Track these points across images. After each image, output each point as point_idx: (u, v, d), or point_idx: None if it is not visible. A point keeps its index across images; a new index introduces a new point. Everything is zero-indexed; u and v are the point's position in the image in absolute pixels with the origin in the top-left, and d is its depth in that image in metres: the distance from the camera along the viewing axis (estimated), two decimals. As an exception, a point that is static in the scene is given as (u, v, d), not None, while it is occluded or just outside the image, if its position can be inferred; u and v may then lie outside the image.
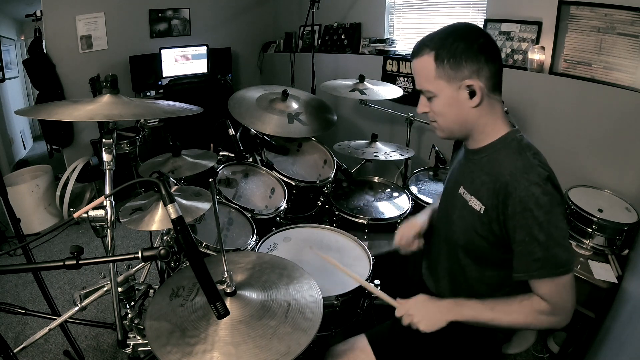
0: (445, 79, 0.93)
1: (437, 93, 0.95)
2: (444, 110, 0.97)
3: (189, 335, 0.85)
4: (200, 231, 1.51)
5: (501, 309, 0.93)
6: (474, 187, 0.99)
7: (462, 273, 1.06)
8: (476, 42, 0.91)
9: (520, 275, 0.90)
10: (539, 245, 0.85)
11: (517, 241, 0.89)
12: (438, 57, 0.92)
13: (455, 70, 0.91)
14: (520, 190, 0.86)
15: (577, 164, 1.99)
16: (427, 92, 0.97)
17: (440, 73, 0.93)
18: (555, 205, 0.85)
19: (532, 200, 0.85)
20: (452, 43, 0.91)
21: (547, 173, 0.88)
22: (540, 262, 0.86)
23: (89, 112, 0.95)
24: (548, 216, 0.84)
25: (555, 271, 0.86)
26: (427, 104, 1.00)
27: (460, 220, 1.03)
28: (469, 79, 0.91)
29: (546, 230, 0.84)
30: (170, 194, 0.79)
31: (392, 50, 3.01)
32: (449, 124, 0.99)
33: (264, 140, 1.96)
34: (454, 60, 0.91)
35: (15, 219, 1.41)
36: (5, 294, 2.26)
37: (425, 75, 0.95)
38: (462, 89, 0.92)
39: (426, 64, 0.94)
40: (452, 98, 0.94)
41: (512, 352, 1.19)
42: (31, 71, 3.16)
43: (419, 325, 0.96)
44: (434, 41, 0.94)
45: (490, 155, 0.97)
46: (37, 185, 2.92)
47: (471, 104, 0.93)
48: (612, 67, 1.87)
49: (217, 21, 4.08)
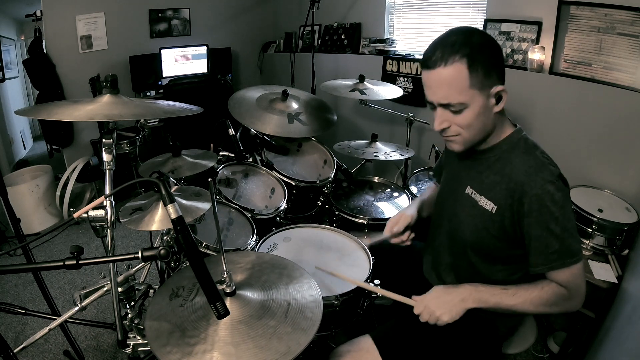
0: (479, 87, 0.88)
1: (470, 103, 0.89)
2: (473, 121, 0.92)
3: (189, 335, 0.85)
4: (200, 231, 1.51)
5: (523, 295, 0.94)
6: (484, 187, 1.01)
7: (469, 269, 1.08)
8: (497, 47, 0.91)
9: (540, 268, 0.93)
10: (555, 239, 0.90)
11: (533, 237, 0.92)
12: (472, 64, 0.86)
13: (487, 77, 0.88)
14: (536, 188, 0.90)
15: (577, 164, 1.99)
16: (457, 104, 0.90)
17: (473, 82, 0.87)
18: (567, 200, 0.91)
19: (548, 197, 0.89)
20: (483, 48, 0.87)
21: (558, 171, 0.93)
22: (557, 254, 0.90)
23: (89, 112, 0.95)
24: (562, 210, 0.89)
25: (571, 260, 0.90)
26: (448, 118, 0.93)
27: (469, 220, 1.04)
28: (497, 84, 0.90)
29: (561, 224, 0.89)
30: (170, 194, 0.79)
31: (392, 50, 3.01)
32: (474, 135, 0.96)
33: (264, 140, 1.96)
34: (487, 67, 0.87)
35: (15, 219, 1.41)
36: (5, 294, 2.26)
37: (457, 86, 0.88)
38: (492, 96, 0.91)
39: (458, 73, 0.87)
40: (483, 107, 0.91)
41: (512, 352, 1.19)
42: (31, 71, 3.16)
43: (442, 318, 0.96)
44: (464, 47, 0.86)
45: (498, 155, 0.99)
46: (37, 185, 2.92)
47: (496, 110, 0.93)
48: (612, 67, 1.87)
49: (217, 21, 4.08)
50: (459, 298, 0.98)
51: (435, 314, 0.97)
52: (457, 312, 0.96)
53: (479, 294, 0.97)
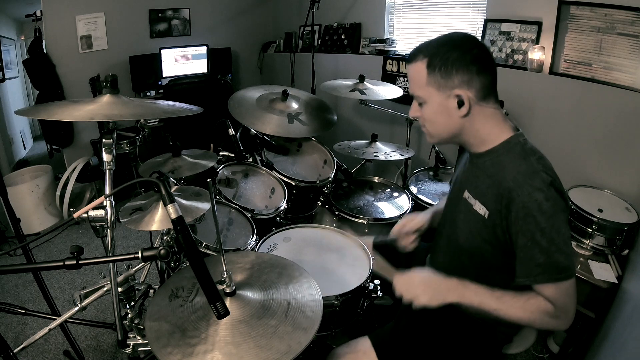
0: (436, 86, 0.94)
1: (427, 100, 0.97)
2: (433, 117, 0.99)
3: (190, 335, 0.85)
4: (200, 231, 1.51)
5: (507, 301, 0.92)
6: (478, 191, 1.00)
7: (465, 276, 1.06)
8: (470, 52, 0.92)
9: (523, 280, 0.90)
10: (540, 251, 0.86)
11: (519, 246, 0.89)
12: (430, 64, 0.93)
13: (445, 78, 0.92)
14: (523, 195, 0.86)
15: (577, 164, 1.99)
16: (418, 97, 0.99)
17: (430, 80, 0.94)
18: (558, 211, 0.86)
19: (534, 205, 0.85)
20: (445, 52, 0.92)
21: (551, 178, 0.87)
22: (541, 267, 0.86)
23: (89, 112, 0.95)
24: (550, 222, 0.85)
25: (557, 276, 0.86)
26: (418, 109, 1.02)
27: (464, 224, 1.03)
28: (458, 88, 0.92)
29: (548, 236, 0.85)
30: (170, 194, 0.79)
31: (392, 50, 3.01)
32: (437, 131, 1.01)
33: (264, 140, 1.96)
34: (445, 68, 0.92)
35: (15, 219, 1.41)
36: (5, 294, 2.26)
37: (417, 81, 0.97)
38: (451, 98, 0.94)
39: (418, 70, 0.96)
40: (441, 106, 0.96)
41: (512, 352, 1.19)
42: (31, 71, 3.16)
43: (420, 298, 0.95)
44: (429, 48, 0.95)
45: (493, 159, 0.97)
46: (37, 185, 2.92)
47: (459, 114, 0.94)
48: (612, 67, 1.87)
49: (217, 21, 4.08)
50: (444, 287, 0.97)
51: (416, 291, 0.97)
52: (437, 300, 0.95)
53: (464, 290, 0.96)
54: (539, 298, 0.90)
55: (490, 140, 0.98)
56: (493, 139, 0.97)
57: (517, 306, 0.91)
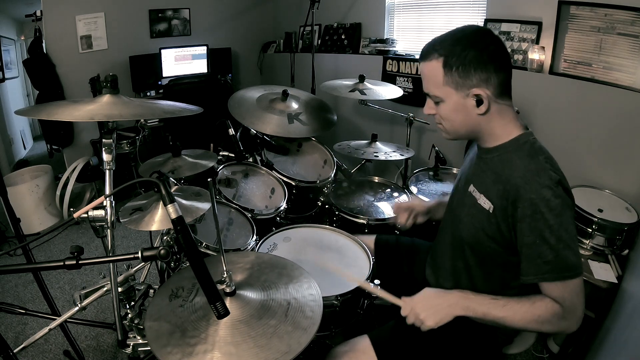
0: (453, 86, 0.92)
1: (444, 99, 0.95)
2: (450, 115, 0.97)
3: (190, 335, 0.85)
4: (200, 231, 1.51)
5: (513, 307, 0.91)
6: (484, 185, 1.00)
7: (467, 273, 1.07)
8: (486, 50, 0.90)
9: (530, 277, 0.89)
10: (549, 248, 0.85)
11: (526, 244, 0.88)
12: (447, 64, 0.91)
13: (463, 78, 0.91)
14: (531, 192, 0.86)
15: (577, 164, 1.99)
16: (435, 97, 0.97)
17: (448, 80, 0.92)
18: (565, 209, 0.86)
19: (543, 202, 0.85)
20: (462, 50, 0.90)
21: (559, 177, 0.88)
22: (550, 265, 0.86)
23: (89, 112, 0.95)
24: (559, 219, 0.84)
25: (565, 274, 0.86)
26: (433, 106, 1.00)
27: (468, 218, 1.03)
28: (476, 87, 0.91)
29: (556, 234, 0.84)
30: (170, 194, 0.79)
31: (392, 50, 3.01)
32: (455, 128, 1.00)
33: (264, 140, 1.96)
34: (463, 68, 0.90)
35: (15, 219, 1.41)
36: (5, 294, 2.26)
37: (433, 81, 0.95)
38: (470, 97, 0.92)
39: (434, 69, 0.93)
40: (459, 104, 0.94)
41: (512, 352, 1.19)
42: (31, 71, 3.16)
43: (426, 322, 0.95)
44: (444, 46, 0.92)
45: (502, 155, 0.97)
46: (37, 185, 2.92)
47: (478, 112, 0.94)
48: (612, 67, 1.87)
49: (217, 21, 4.08)
50: (446, 303, 0.97)
51: (420, 316, 0.96)
52: (443, 318, 0.95)
53: (468, 302, 0.96)
54: (546, 300, 0.89)
55: (501, 136, 0.98)
56: (503, 135, 0.97)
57: (523, 311, 0.90)
